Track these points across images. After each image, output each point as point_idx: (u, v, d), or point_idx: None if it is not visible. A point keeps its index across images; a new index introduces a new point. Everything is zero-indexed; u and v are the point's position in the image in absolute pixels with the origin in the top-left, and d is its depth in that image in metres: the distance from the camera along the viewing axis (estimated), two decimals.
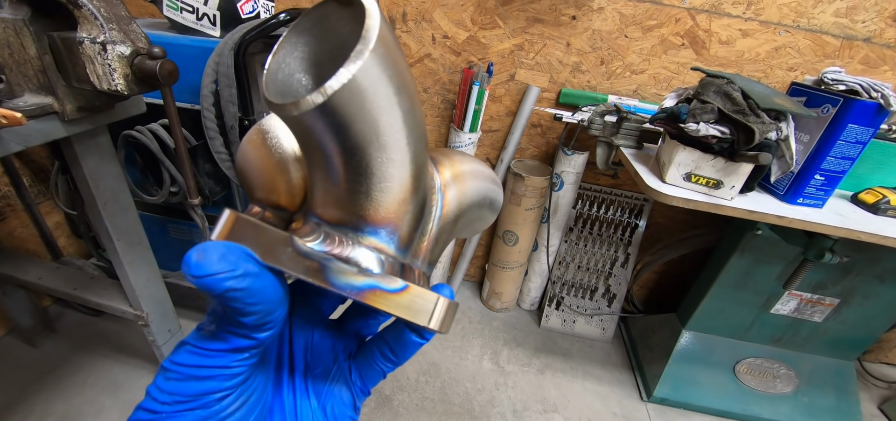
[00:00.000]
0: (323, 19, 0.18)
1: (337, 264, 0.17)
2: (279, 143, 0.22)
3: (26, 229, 1.24)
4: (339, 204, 0.18)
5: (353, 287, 0.17)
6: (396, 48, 0.16)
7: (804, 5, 1.03)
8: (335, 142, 0.16)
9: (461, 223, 0.25)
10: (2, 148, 0.59)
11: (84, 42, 0.57)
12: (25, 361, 1.20)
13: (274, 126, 0.22)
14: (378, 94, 0.15)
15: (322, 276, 0.17)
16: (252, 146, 0.22)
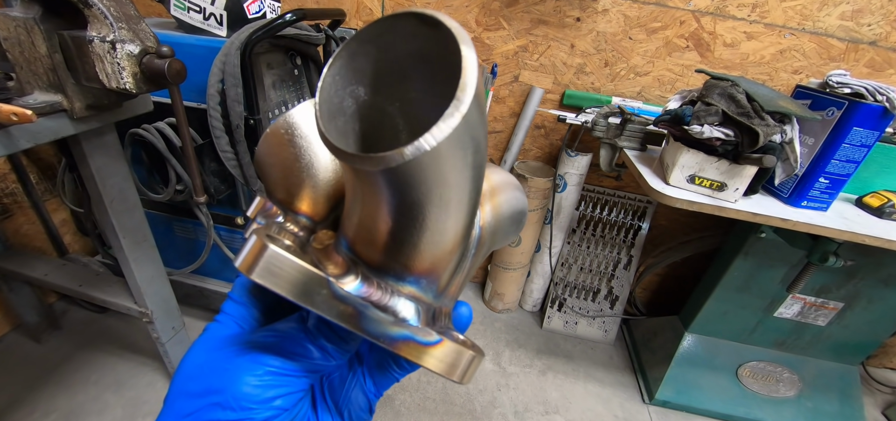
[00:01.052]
0: (391, 30, 0.15)
1: (374, 312, 0.16)
2: (310, 147, 0.20)
3: (33, 226, 1.25)
4: (384, 250, 0.17)
5: (389, 337, 0.16)
6: (483, 102, 0.14)
7: (809, 8, 1.03)
8: (396, 195, 0.14)
9: (491, 244, 0.24)
10: (12, 145, 0.60)
11: (94, 41, 0.57)
12: (31, 357, 1.21)
13: (303, 123, 0.20)
14: (456, 157, 0.14)
15: (357, 323, 0.16)
16: (278, 142, 0.20)
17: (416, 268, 0.17)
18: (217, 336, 0.20)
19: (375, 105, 0.17)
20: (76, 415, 1.08)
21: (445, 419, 1.18)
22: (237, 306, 0.22)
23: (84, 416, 1.08)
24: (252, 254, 0.16)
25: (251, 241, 0.16)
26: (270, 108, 0.95)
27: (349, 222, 0.18)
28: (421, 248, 0.17)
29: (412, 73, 0.16)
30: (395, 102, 0.18)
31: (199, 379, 0.18)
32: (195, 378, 0.19)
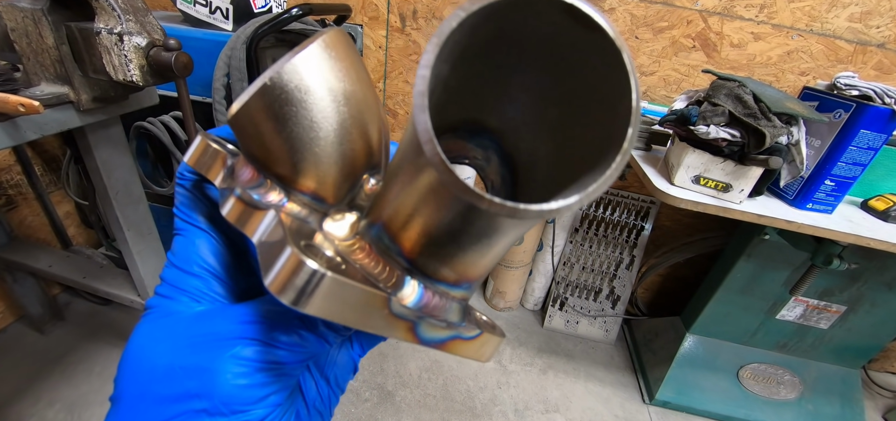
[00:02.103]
0: (526, 8, 0.12)
1: (429, 322, 0.15)
2: (323, 109, 0.16)
3: (37, 218, 1.25)
4: (448, 263, 0.15)
5: (439, 340, 0.16)
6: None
7: (818, 10, 1.02)
8: (494, 228, 0.13)
9: None
10: (18, 136, 0.60)
11: (101, 32, 0.57)
12: (34, 347, 1.22)
13: (311, 77, 0.15)
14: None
15: (412, 334, 0.15)
16: (281, 100, 0.15)
17: (474, 277, 0.17)
18: (179, 320, 0.17)
19: (457, 94, 0.15)
20: (79, 405, 1.09)
21: (446, 416, 1.18)
22: (188, 277, 0.18)
23: (87, 406, 1.09)
24: (294, 275, 0.12)
25: (285, 256, 0.12)
26: None
27: (405, 227, 0.15)
28: (488, 265, 0.16)
29: (526, 72, 0.14)
30: (489, 99, 0.16)
31: (171, 379, 0.15)
32: (166, 378, 0.15)
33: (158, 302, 0.18)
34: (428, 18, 1.19)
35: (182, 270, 0.18)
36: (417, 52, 1.25)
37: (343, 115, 0.16)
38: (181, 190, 0.20)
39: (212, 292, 0.18)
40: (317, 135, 0.16)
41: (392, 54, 1.26)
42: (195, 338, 0.16)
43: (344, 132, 0.16)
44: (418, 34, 1.22)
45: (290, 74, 0.15)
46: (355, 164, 0.17)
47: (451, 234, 0.14)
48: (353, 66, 0.17)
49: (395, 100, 1.34)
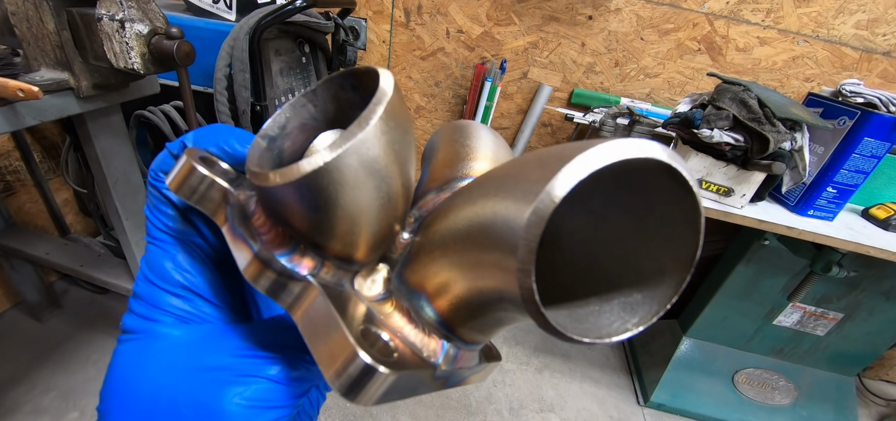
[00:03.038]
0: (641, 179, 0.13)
1: (458, 374, 0.16)
2: (393, 182, 0.15)
3: (35, 205, 1.25)
4: (489, 333, 0.16)
5: (460, 381, 0.16)
6: None
7: (824, 16, 1.02)
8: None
9: None
10: (17, 121, 0.59)
11: (103, 19, 0.57)
12: (31, 334, 1.21)
13: (383, 153, 0.14)
14: None
15: (442, 385, 0.16)
16: (349, 185, 0.14)
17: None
18: (172, 347, 0.16)
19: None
20: (75, 393, 1.09)
21: (441, 413, 1.19)
22: (167, 295, 0.17)
23: (82, 395, 1.09)
24: (354, 371, 0.12)
25: (347, 355, 0.12)
26: (277, 96, 0.95)
27: (453, 303, 0.15)
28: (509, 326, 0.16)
29: (597, 193, 0.15)
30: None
31: (175, 415, 0.14)
32: (170, 414, 0.15)
33: (139, 324, 0.17)
34: (432, 14, 1.18)
35: (160, 287, 0.17)
36: (421, 47, 1.24)
37: (393, 186, 0.15)
38: (154, 192, 0.18)
39: (199, 312, 0.17)
40: (366, 209, 0.15)
41: (395, 49, 1.25)
42: (194, 372, 0.15)
43: (391, 202, 0.15)
44: (422, 29, 1.21)
45: (350, 157, 0.13)
46: (395, 226, 0.17)
47: (499, 320, 0.15)
48: (405, 128, 0.15)
49: None
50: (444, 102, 1.32)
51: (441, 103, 1.32)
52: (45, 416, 1.03)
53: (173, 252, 0.17)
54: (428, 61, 1.26)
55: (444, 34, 1.20)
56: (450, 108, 1.33)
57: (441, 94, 1.31)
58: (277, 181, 0.13)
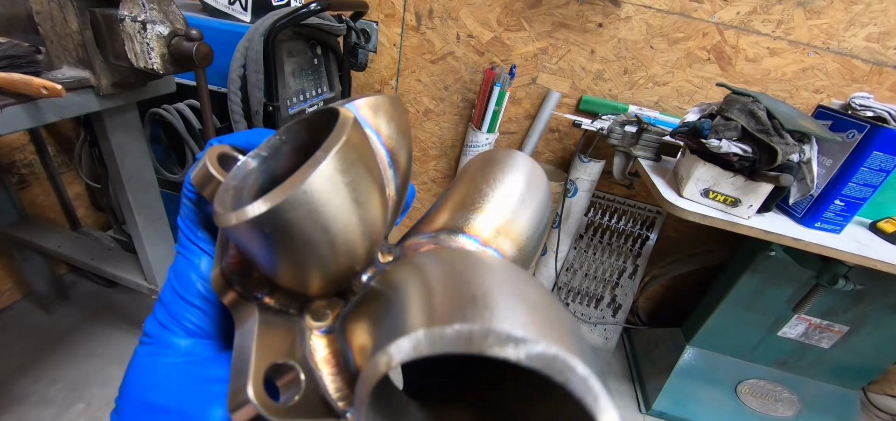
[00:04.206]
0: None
1: None
2: (345, 228, 0.14)
3: (48, 198, 1.26)
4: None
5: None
6: None
7: (835, 28, 1.02)
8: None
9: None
10: (39, 117, 0.60)
11: (125, 20, 0.58)
12: (39, 325, 1.23)
13: (330, 203, 0.13)
14: None
15: None
16: (293, 235, 0.13)
17: None
18: (172, 358, 0.17)
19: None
20: (81, 385, 1.10)
21: None
22: (186, 306, 0.18)
23: (88, 387, 1.10)
24: (245, 414, 0.13)
25: (247, 400, 0.12)
26: (289, 97, 0.96)
27: (363, 360, 0.14)
28: None
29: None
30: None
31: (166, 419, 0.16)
32: (162, 418, 0.16)
33: (156, 331, 0.18)
34: (443, 18, 1.19)
35: (181, 296, 0.18)
36: (431, 51, 1.25)
37: (344, 231, 0.14)
38: (187, 203, 0.19)
39: (211, 326, 0.18)
40: (312, 254, 0.14)
41: (406, 52, 1.26)
42: (188, 382, 0.16)
43: (344, 246, 0.15)
44: (433, 33, 1.22)
45: (293, 205, 0.13)
46: (354, 266, 0.16)
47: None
48: (363, 170, 0.14)
49: (407, 97, 1.35)
50: (452, 106, 1.33)
51: (450, 107, 1.33)
52: (51, 406, 1.05)
53: (198, 263, 0.18)
54: (438, 65, 1.27)
55: (455, 38, 1.21)
56: (458, 112, 1.33)
57: (450, 98, 1.32)
58: (229, 222, 0.13)
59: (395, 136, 0.20)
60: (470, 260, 0.13)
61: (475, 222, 0.21)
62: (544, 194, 0.24)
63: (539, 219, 0.23)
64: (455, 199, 0.22)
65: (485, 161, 0.24)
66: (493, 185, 0.22)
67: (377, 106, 0.19)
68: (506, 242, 0.21)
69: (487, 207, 0.21)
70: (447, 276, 0.12)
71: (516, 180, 0.23)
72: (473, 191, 0.22)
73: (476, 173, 0.24)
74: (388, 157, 0.20)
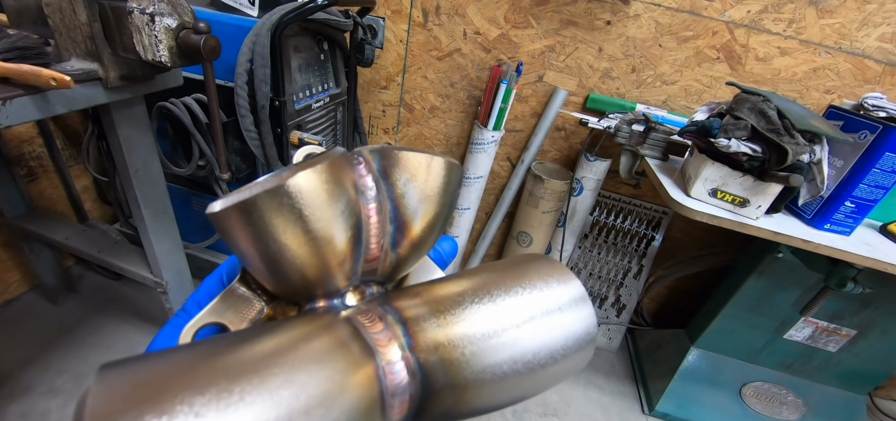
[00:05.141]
0: None
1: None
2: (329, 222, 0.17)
3: (56, 191, 1.27)
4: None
5: None
6: None
7: (848, 28, 1.01)
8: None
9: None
10: (48, 109, 0.60)
11: (133, 12, 0.58)
12: (47, 317, 1.24)
13: (311, 193, 0.16)
14: None
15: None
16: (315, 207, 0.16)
17: None
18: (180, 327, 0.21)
19: None
20: (87, 377, 1.11)
21: None
22: (199, 310, 0.22)
23: None
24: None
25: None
26: (295, 92, 0.96)
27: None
28: None
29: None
30: None
31: None
32: None
33: (180, 313, 0.23)
34: (450, 14, 1.19)
35: (197, 303, 0.23)
36: (438, 47, 1.25)
37: (284, 250, 0.17)
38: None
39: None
40: (258, 258, 0.17)
41: (412, 49, 1.26)
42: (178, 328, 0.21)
43: (283, 260, 0.17)
44: (440, 30, 1.21)
45: (227, 214, 0.16)
46: (300, 286, 0.18)
47: None
48: (308, 211, 0.16)
49: (413, 94, 1.34)
50: (458, 103, 1.32)
51: (455, 104, 1.33)
52: (58, 397, 1.06)
53: (216, 284, 0.24)
54: (444, 62, 1.26)
55: (462, 35, 1.21)
56: (464, 109, 1.33)
57: (456, 95, 1.31)
58: (211, 210, 0.17)
59: (414, 198, 0.19)
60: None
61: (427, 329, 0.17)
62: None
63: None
64: (467, 284, 0.18)
65: (515, 264, 0.20)
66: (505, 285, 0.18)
67: (406, 163, 0.19)
68: (437, 364, 0.16)
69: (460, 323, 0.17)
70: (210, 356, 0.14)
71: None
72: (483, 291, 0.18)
73: (506, 268, 0.19)
74: (392, 212, 0.19)
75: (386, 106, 1.38)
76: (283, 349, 0.14)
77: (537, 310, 0.17)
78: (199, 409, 0.11)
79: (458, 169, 0.21)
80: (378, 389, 0.15)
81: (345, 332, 0.16)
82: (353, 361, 0.15)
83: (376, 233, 0.19)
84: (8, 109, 0.56)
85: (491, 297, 0.17)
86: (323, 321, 0.17)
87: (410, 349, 0.16)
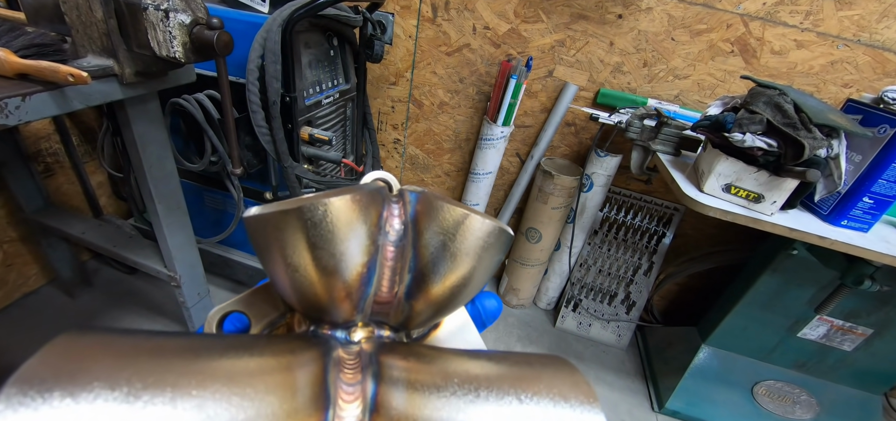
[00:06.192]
0: None
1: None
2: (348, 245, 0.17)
3: (72, 186, 1.30)
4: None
5: None
6: None
7: (867, 19, 0.98)
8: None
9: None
10: (66, 104, 0.62)
11: (148, 8, 0.59)
12: (64, 310, 1.27)
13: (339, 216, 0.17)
14: None
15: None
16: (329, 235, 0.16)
17: None
18: None
19: None
20: None
21: None
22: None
23: None
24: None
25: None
26: (305, 87, 0.96)
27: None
28: None
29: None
30: None
31: None
32: None
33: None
34: (459, 9, 1.18)
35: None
36: (447, 43, 1.24)
37: (291, 272, 0.17)
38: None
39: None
40: (275, 272, 0.17)
41: (421, 44, 1.26)
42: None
43: (295, 281, 0.17)
44: (449, 25, 1.21)
45: (251, 224, 0.17)
46: (312, 305, 0.18)
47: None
48: (317, 241, 0.16)
49: (422, 90, 1.34)
50: (467, 99, 1.32)
51: (465, 100, 1.32)
52: None
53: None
54: (453, 57, 1.26)
55: (471, 30, 1.20)
56: (473, 105, 1.33)
57: (465, 91, 1.31)
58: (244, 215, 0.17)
59: (440, 254, 0.18)
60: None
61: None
62: None
63: None
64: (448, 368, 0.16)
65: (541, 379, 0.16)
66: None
67: (439, 214, 0.18)
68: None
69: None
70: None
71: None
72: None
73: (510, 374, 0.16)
74: (413, 261, 0.18)
75: (395, 102, 1.38)
76: (225, 373, 0.12)
77: None
78: (103, 401, 0.10)
79: (505, 235, 0.19)
80: None
81: (307, 376, 0.14)
82: (291, 411, 0.13)
83: (390, 277, 0.18)
84: (27, 105, 0.57)
85: (475, 394, 0.14)
86: (295, 357, 0.15)
87: (370, 415, 0.15)
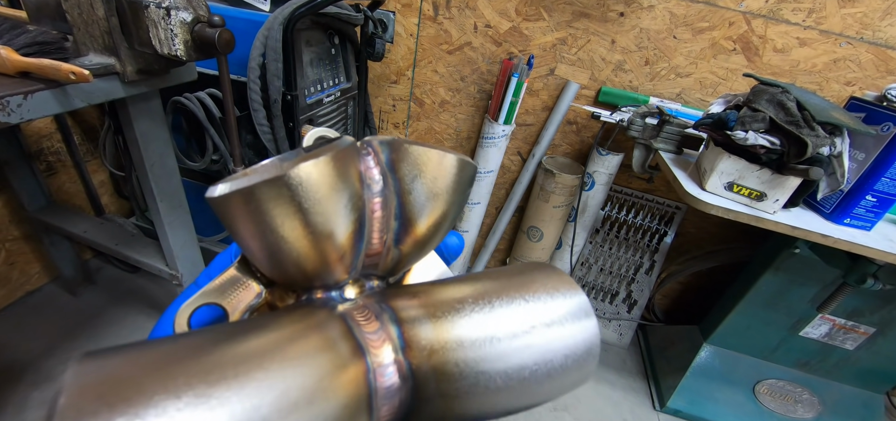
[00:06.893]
0: None
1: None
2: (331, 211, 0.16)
3: (74, 185, 1.30)
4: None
5: None
6: None
7: (871, 17, 0.98)
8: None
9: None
10: (67, 103, 0.62)
11: (150, 6, 0.59)
12: (66, 308, 1.27)
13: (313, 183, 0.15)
14: None
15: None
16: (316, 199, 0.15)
17: None
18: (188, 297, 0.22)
19: None
20: None
21: None
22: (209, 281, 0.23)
23: None
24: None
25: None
26: (307, 86, 0.96)
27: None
28: None
29: None
30: None
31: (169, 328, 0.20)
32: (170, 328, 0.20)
33: (191, 287, 0.23)
34: (461, 8, 1.18)
35: (209, 277, 0.23)
36: (448, 41, 1.24)
37: (275, 240, 0.16)
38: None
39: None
40: (253, 243, 0.16)
41: (422, 43, 1.26)
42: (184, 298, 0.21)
43: (278, 249, 0.16)
44: (450, 23, 1.21)
45: (225, 199, 0.16)
46: (295, 274, 0.17)
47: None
48: (307, 204, 0.16)
49: (423, 88, 1.34)
50: (468, 97, 1.32)
51: (466, 98, 1.32)
52: None
53: (230, 258, 0.24)
54: (454, 55, 1.25)
55: (472, 28, 1.20)
56: (474, 104, 1.32)
57: (466, 89, 1.30)
58: (210, 194, 0.16)
59: (421, 195, 0.18)
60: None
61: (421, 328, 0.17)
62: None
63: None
64: (461, 293, 0.18)
65: (523, 270, 0.19)
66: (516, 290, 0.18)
67: (415, 158, 0.18)
68: (426, 366, 0.16)
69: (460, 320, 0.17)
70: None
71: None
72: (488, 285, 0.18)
73: (511, 274, 0.19)
74: (398, 208, 0.18)
75: (396, 100, 1.38)
76: (269, 349, 0.13)
77: (538, 322, 0.16)
78: (174, 414, 0.10)
79: (471, 167, 0.20)
80: (366, 392, 0.15)
81: (336, 330, 0.16)
82: (340, 363, 0.14)
83: (379, 228, 0.18)
84: (29, 103, 0.57)
85: (491, 305, 0.17)
86: (315, 319, 0.16)
87: (403, 352, 0.16)
